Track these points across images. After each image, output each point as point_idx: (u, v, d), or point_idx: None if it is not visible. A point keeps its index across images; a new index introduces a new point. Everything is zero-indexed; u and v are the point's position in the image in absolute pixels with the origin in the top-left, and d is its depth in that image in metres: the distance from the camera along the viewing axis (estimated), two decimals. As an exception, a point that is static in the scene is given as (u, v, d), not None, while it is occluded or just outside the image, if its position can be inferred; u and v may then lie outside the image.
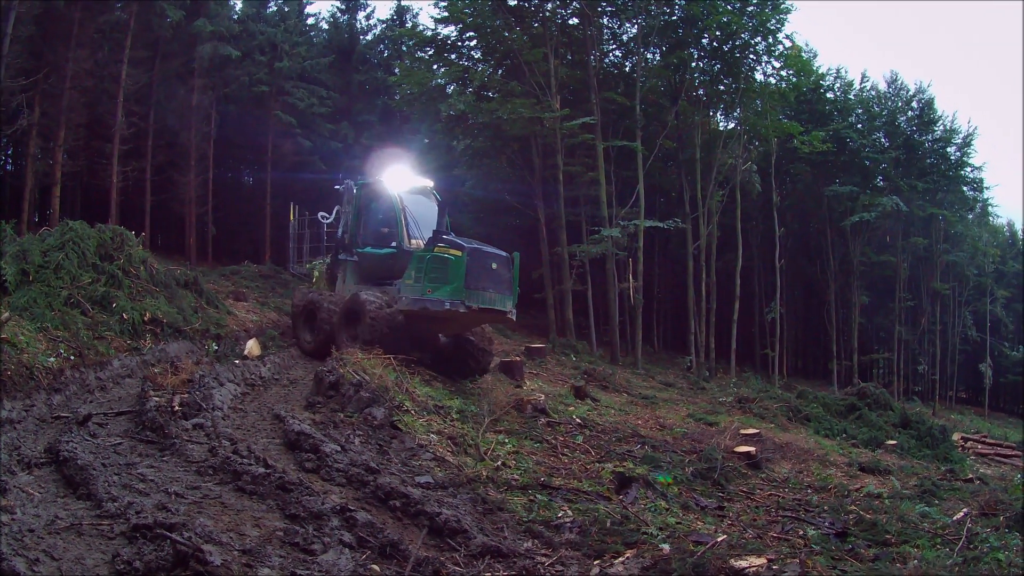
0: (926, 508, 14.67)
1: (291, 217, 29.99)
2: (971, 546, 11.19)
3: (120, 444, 11.25)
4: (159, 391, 14.33)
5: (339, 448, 12.02)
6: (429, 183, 25.65)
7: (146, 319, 19.95)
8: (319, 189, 54.59)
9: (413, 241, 23.24)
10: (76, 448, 10.30)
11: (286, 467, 10.86)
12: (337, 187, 26.15)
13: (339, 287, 24.88)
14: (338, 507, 9.17)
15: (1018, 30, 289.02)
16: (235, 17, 63.09)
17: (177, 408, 13.13)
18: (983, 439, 35.70)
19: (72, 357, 15.62)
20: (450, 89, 53.51)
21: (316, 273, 26.54)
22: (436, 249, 22.15)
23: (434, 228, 23.08)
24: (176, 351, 19.27)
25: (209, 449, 11.12)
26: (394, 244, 23.32)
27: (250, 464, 10.37)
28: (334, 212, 25.85)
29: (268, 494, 9.47)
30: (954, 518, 13.49)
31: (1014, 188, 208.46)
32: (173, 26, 51.30)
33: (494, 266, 22.87)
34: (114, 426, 12.36)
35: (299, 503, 9.16)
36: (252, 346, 21.56)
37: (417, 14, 73.68)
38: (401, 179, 24.77)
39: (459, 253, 22.05)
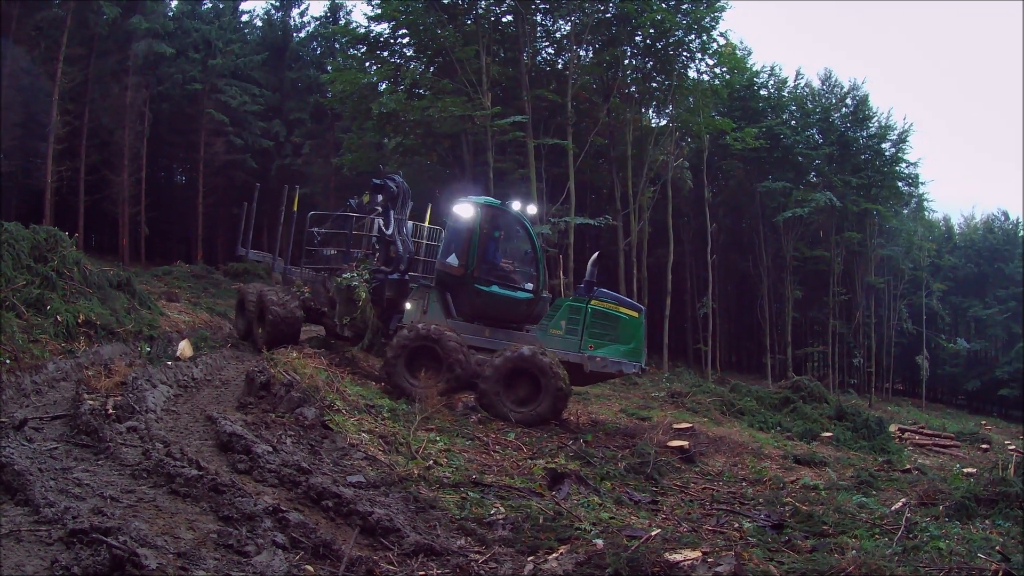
0: (863, 499, 14.78)
1: (294, 207, 27.53)
2: (910, 536, 11.34)
3: (56, 448, 11.14)
4: (93, 394, 14.19)
5: (271, 449, 12.02)
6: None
7: (80, 321, 19.68)
8: (251, 186, 54.62)
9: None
10: (13, 453, 10.22)
11: (219, 469, 10.83)
12: (378, 182, 23.80)
13: (413, 317, 21.92)
14: (271, 508, 9.18)
15: (963, 27, 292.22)
16: (170, 14, 63.01)
17: (111, 411, 13.01)
18: (921, 430, 35.77)
19: (8, 361, 15.51)
20: (382, 87, 53.50)
21: (363, 294, 22.68)
22: (596, 303, 21.66)
23: (585, 278, 22.42)
24: (110, 353, 18.94)
25: (143, 452, 11.06)
26: (530, 287, 21.92)
27: (183, 466, 10.34)
28: (391, 220, 23.13)
29: (201, 496, 9.45)
30: (892, 508, 13.69)
31: (951, 183, 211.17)
32: (109, 23, 50.93)
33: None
34: (50, 430, 12.25)
35: (232, 505, 9.16)
36: (184, 347, 21.05)
37: (350, 11, 73.54)
38: (524, 210, 23.20)
39: (636, 314, 21.93)
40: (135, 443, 11.58)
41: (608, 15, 53.32)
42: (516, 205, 22.99)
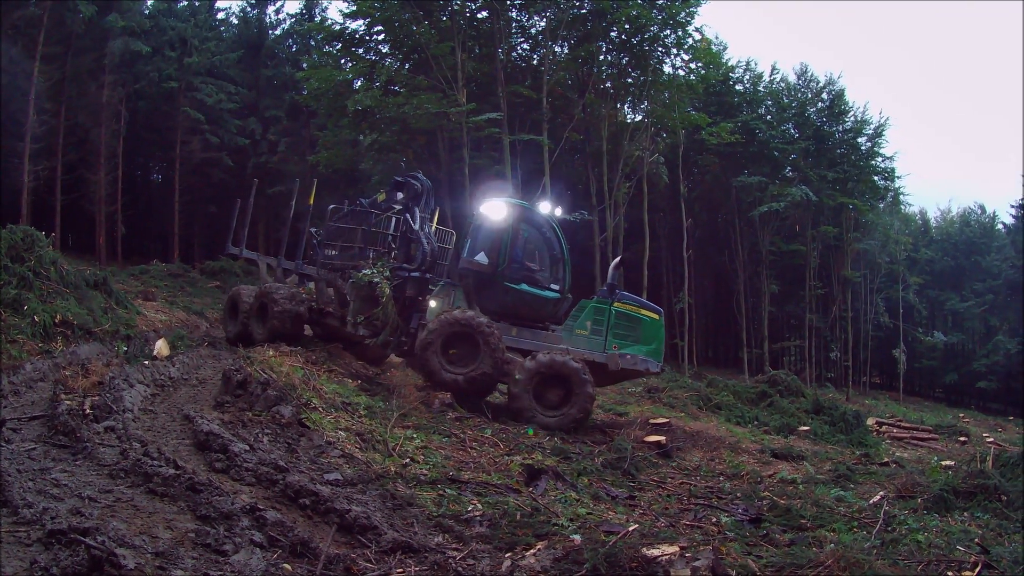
0: (841, 492, 14.77)
1: (310, 200, 27.90)
2: (889, 529, 11.38)
3: (34, 449, 11.07)
4: (71, 394, 14.13)
5: (248, 447, 11.97)
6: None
7: (57, 321, 19.68)
8: (228, 185, 54.61)
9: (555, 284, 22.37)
10: (-9, 455, 10.24)
11: (196, 468, 10.80)
12: (400, 179, 24.49)
13: (438, 313, 21.58)
14: (248, 507, 9.15)
15: (942, 25, 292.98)
16: (146, 12, 62.73)
17: (88, 411, 12.96)
18: (898, 423, 35.66)
19: (-14, 361, 15.48)
20: (357, 84, 53.57)
21: (387, 290, 22.43)
22: (619, 304, 22.01)
23: (607, 281, 22.97)
24: (87, 353, 18.87)
25: (120, 452, 11.00)
26: (556, 287, 22.23)
27: (161, 466, 10.28)
28: (416, 217, 23.30)
29: (179, 495, 9.41)
30: (870, 501, 13.69)
31: (927, 177, 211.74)
32: (85, 21, 50.80)
33: None
34: (28, 431, 12.18)
35: (210, 504, 9.11)
36: (161, 346, 20.92)
37: (326, 8, 73.42)
38: (552, 212, 23.60)
39: (656, 316, 22.34)
40: (113, 443, 11.52)
41: (583, 11, 53.33)
42: (545, 207, 23.36)
